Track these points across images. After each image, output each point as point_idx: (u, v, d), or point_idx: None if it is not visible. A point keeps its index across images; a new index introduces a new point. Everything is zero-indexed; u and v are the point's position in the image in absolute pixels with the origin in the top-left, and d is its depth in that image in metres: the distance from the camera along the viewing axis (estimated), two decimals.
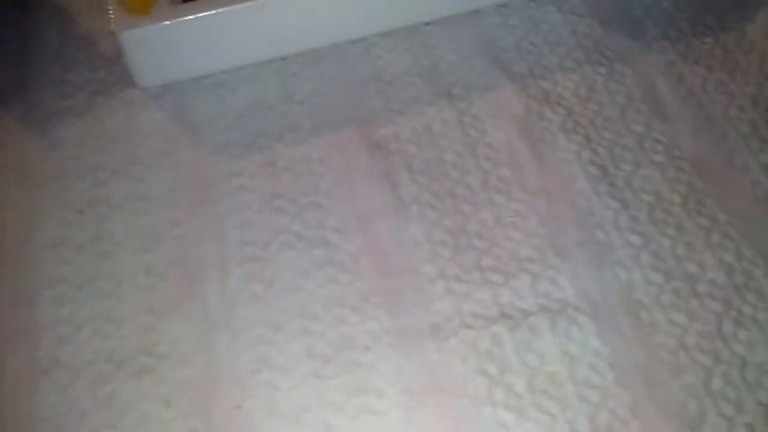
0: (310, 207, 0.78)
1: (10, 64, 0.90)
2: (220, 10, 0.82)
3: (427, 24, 0.92)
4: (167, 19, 0.81)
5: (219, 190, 0.79)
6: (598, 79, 0.86)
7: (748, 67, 0.87)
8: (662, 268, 0.73)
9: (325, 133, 0.83)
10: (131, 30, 0.81)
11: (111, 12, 0.82)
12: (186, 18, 0.82)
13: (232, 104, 0.86)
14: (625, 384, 0.66)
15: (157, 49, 0.84)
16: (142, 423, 0.66)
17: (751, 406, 0.65)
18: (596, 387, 0.66)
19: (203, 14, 0.82)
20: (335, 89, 0.87)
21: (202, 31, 0.83)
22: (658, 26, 0.92)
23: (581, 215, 0.76)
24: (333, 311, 0.71)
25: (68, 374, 0.68)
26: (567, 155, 0.80)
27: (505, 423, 0.65)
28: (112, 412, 0.66)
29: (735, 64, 0.87)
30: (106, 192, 0.80)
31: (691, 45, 0.90)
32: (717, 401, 0.65)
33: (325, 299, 0.72)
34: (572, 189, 0.78)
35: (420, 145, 0.82)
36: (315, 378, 0.67)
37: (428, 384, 0.67)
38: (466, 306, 0.71)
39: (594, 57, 0.88)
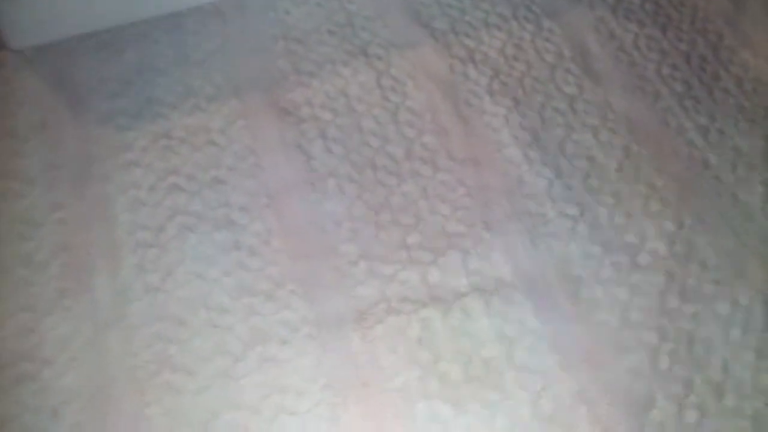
0: (212, 183, 0.69)
1: None
2: None
3: None
4: None
5: (106, 166, 0.69)
6: (526, 37, 0.80)
7: (680, 23, 0.82)
8: (600, 240, 0.67)
9: (226, 99, 0.74)
10: None
11: None
12: None
13: (118, 68, 0.75)
14: (567, 367, 0.61)
15: (29, 3, 0.73)
16: None
17: (700, 384, 0.61)
18: (537, 372, 0.61)
19: None
20: (238, 49, 0.77)
21: None
22: None
23: (512, 185, 0.70)
24: (242, 301, 0.63)
25: None
26: (494, 120, 0.74)
27: (441, 417, 0.58)
28: None
29: (667, 20, 0.82)
30: None
31: None
32: (665, 381, 0.61)
33: (233, 288, 0.63)
34: (501, 156, 0.72)
35: (335, 111, 0.74)
36: (225, 378, 0.59)
37: (353, 378, 0.60)
38: (392, 289, 0.64)
39: (521, 12, 0.82)
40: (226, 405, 0.58)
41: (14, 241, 0.65)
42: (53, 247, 0.65)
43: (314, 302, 0.63)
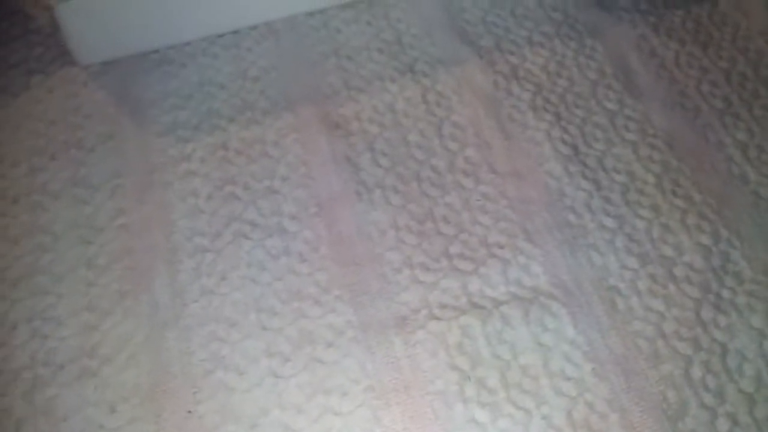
0: (265, 193, 0.72)
1: None
2: None
3: None
4: None
5: (166, 175, 0.73)
6: (568, 54, 0.82)
7: (720, 41, 0.83)
8: (637, 252, 0.69)
9: (280, 113, 0.77)
10: (68, 2, 0.75)
11: None
12: None
13: (179, 82, 0.79)
14: (602, 375, 0.63)
15: (97, 22, 0.78)
16: (86, 430, 0.61)
17: (732, 394, 0.62)
18: (572, 379, 0.63)
19: None
20: (291, 65, 0.81)
21: (146, 1, 0.77)
22: None
23: (552, 197, 0.72)
24: (292, 305, 0.66)
25: (2, 380, 0.62)
26: (537, 134, 0.76)
27: (479, 420, 0.61)
28: (52, 420, 0.61)
29: (708, 38, 0.84)
30: (43, 179, 0.73)
31: (663, 17, 0.86)
32: (698, 391, 0.62)
33: (283, 292, 0.67)
34: (542, 170, 0.74)
35: (382, 125, 0.77)
36: (273, 378, 0.63)
37: (395, 381, 0.63)
38: (433, 296, 0.67)
39: (563, 31, 0.84)
40: (274, 404, 0.62)
41: (79, 245, 0.70)
42: (115, 250, 0.69)
43: (359, 307, 0.66)
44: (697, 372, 0.63)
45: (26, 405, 0.61)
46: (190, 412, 0.61)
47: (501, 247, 0.70)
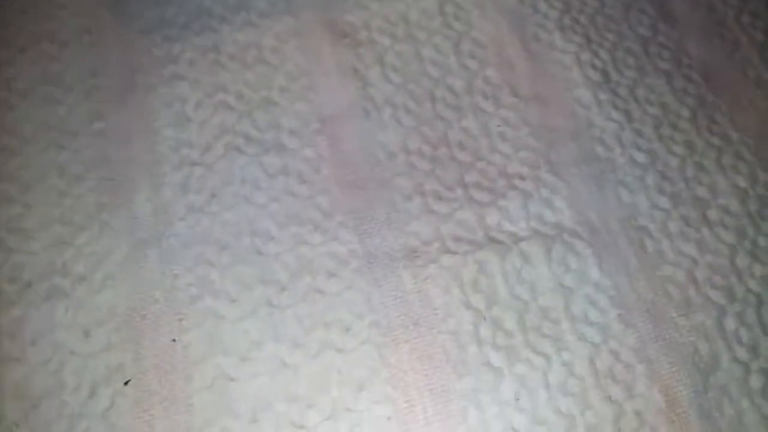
0: (262, 104, 0.65)
1: None
2: None
3: None
4: None
5: (150, 78, 0.65)
6: None
7: None
8: (669, 191, 0.63)
9: (280, 15, 0.69)
10: None
11: None
12: None
13: None
14: (628, 322, 0.58)
15: None
16: (56, 356, 0.54)
17: (767, 349, 0.58)
18: (596, 324, 0.57)
19: None
20: None
21: None
22: None
23: (580, 127, 0.66)
24: (289, 229, 0.59)
25: None
26: (564, 57, 0.69)
27: (494, 364, 0.55)
28: (18, 343, 0.54)
29: None
30: (9, 74, 0.65)
31: None
32: (731, 344, 0.57)
33: (280, 214, 0.60)
34: (570, 96, 0.67)
35: (394, 37, 0.69)
36: (268, 307, 0.56)
37: (403, 317, 0.57)
38: (447, 228, 0.60)
39: None
40: (268, 336, 0.55)
41: (50, 150, 0.62)
42: (91, 158, 0.62)
43: (364, 236, 0.60)
44: (730, 324, 0.58)
45: None
46: (174, 340, 0.55)
47: (522, 178, 0.63)
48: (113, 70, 0.65)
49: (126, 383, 0.53)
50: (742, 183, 0.64)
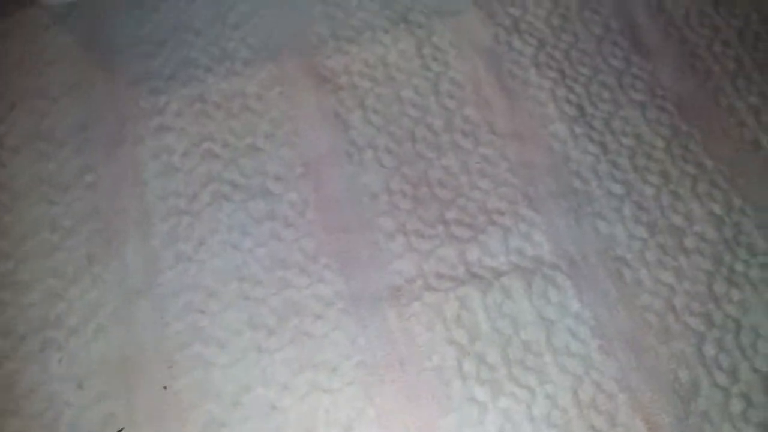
0: (247, 151, 0.67)
1: None
2: None
3: None
4: None
5: (138, 129, 0.67)
6: (572, 6, 0.77)
7: None
8: (646, 221, 0.65)
9: (263, 63, 0.71)
10: None
11: None
12: None
13: (152, 27, 0.72)
14: (609, 352, 0.59)
15: None
16: (51, 408, 0.55)
17: (746, 373, 0.59)
18: (578, 356, 0.59)
19: None
20: (275, 11, 0.74)
21: None
22: None
23: (557, 161, 0.68)
24: (276, 273, 0.61)
25: None
26: (540, 93, 0.71)
27: (478, 399, 0.57)
28: (12, 396, 0.55)
29: None
30: (1, 131, 0.67)
31: None
32: (710, 369, 0.59)
33: (267, 259, 0.61)
34: (546, 131, 0.69)
35: (374, 80, 0.71)
36: (256, 352, 0.58)
37: (389, 356, 0.58)
38: (429, 265, 0.62)
39: None
40: (257, 380, 0.57)
41: (41, 205, 0.64)
42: (82, 211, 0.63)
43: (349, 276, 0.61)
44: (709, 350, 0.59)
45: None
46: (165, 388, 0.56)
47: (501, 213, 0.65)
48: (102, 123, 0.67)
49: None
50: (718, 210, 0.66)
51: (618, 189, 0.66)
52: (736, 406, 0.58)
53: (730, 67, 0.74)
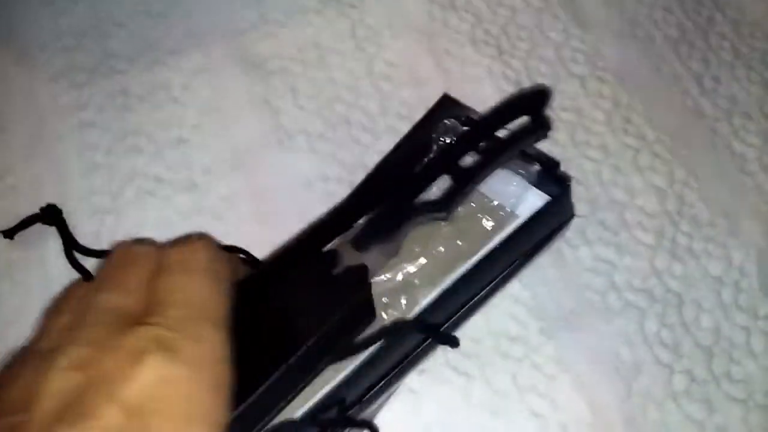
0: (173, 144, 0.65)
1: None
2: None
3: None
4: None
5: (58, 127, 0.65)
6: None
7: None
8: (586, 197, 0.63)
9: (189, 52, 0.69)
10: None
11: None
12: None
13: (72, 20, 0.70)
14: (549, 334, 0.58)
15: None
16: None
17: (689, 349, 0.58)
18: (518, 339, 0.58)
19: None
20: None
21: None
22: None
23: None
24: None
25: None
26: (477, 70, 0.69)
27: (414, 388, 0.55)
28: None
29: None
30: None
31: None
32: (653, 347, 0.57)
33: None
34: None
35: (305, 64, 0.69)
36: None
37: None
38: None
39: None
40: None
41: None
42: (1, 214, 0.61)
43: None
44: (651, 326, 0.58)
45: None
46: None
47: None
48: (20, 122, 0.65)
49: None
50: (660, 182, 0.65)
51: None
52: (679, 383, 0.56)
53: (672, 34, 0.73)
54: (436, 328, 0.50)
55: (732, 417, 0.55)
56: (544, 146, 0.64)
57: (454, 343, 0.49)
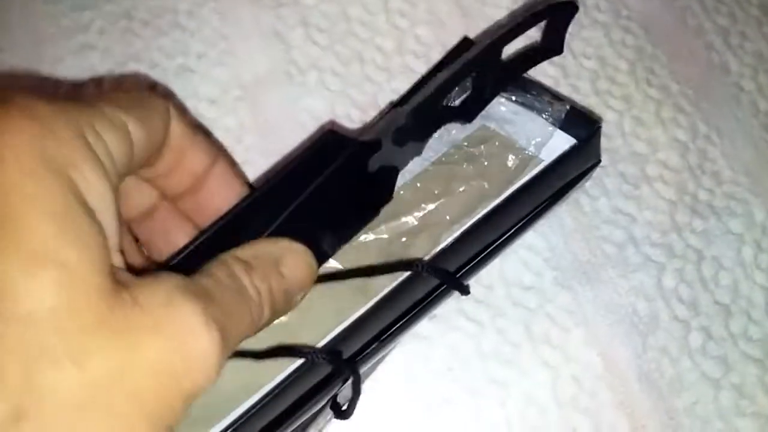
0: (178, 72, 0.61)
1: None
2: None
3: None
4: None
5: (58, 50, 0.61)
6: None
7: None
8: (606, 147, 0.61)
9: None
10: None
11: None
12: None
13: None
14: (564, 284, 0.56)
15: None
16: None
17: (707, 306, 0.56)
18: (532, 289, 0.56)
19: None
20: None
21: None
22: None
23: None
24: None
25: None
26: (497, 12, 0.66)
27: (424, 334, 0.53)
28: None
29: None
30: None
31: None
32: (670, 302, 0.56)
33: None
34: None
35: None
36: None
37: None
38: None
39: None
40: None
41: None
42: None
43: None
44: (669, 281, 0.56)
45: None
46: None
47: None
48: (18, 44, 0.61)
49: None
50: (682, 136, 0.62)
51: None
52: (696, 339, 0.55)
53: None
54: (452, 273, 0.48)
55: (748, 376, 0.54)
56: (564, 93, 0.61)
57: (464, 290, 0.47)
